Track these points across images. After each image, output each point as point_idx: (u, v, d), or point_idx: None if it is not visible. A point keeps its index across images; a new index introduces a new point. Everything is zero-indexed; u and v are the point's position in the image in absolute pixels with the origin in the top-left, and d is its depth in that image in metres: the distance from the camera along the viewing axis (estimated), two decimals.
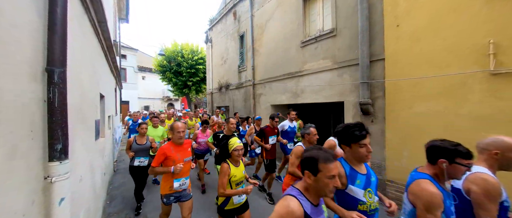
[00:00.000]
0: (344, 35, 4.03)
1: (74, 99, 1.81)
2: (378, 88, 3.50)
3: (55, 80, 1.16)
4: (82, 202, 1.98)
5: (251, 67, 6.80)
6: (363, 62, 3.53)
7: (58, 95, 1.18)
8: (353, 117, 3.88)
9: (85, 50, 2.26)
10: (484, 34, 2.44)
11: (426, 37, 2.91)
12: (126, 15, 9.37)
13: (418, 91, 3.00)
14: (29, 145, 1.02)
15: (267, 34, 6.19)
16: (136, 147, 3.17)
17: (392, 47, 3.27)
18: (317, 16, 4.72)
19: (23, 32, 1.01)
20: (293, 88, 5.23)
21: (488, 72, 2.41)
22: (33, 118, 1.06)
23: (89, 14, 2.34)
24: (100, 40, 3.05)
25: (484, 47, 2.43)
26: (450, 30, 2.70)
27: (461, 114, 2.63)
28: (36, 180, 1.08)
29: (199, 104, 18.92)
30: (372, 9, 3.52)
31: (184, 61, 12.60)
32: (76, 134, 1.81)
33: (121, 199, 3.71)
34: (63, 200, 1.20)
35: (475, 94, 2.52)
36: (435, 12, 2.83)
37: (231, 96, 8.38)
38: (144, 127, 3.28)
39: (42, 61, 1.15)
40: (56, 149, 1.16)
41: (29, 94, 1.04)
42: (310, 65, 4.74)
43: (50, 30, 1.18)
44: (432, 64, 2.86)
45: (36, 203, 1.07)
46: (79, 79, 2.00)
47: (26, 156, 1.00)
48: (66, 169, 1.21)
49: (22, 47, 1.00)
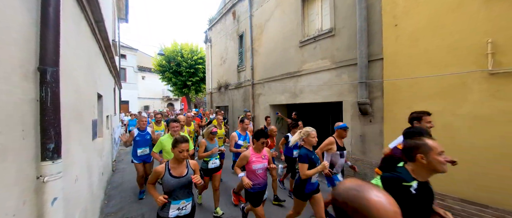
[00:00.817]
0: (342, 35, 4.02)
1: (69, 98, 1.80)
2: (376, 88, 3.48)
3: (47, 79, 1.16)
4: (78, 202, 1.97)
5: (250, 67, 6.80)
6: (362, 62, 3.52)
7: (51, 95, 1.17)
8: (352, 117, 3.87)
9: (81, 49, 2.25)
10: (482, 34, 2.42)
11: (424, 37, 2.90)
12: (126, 15, 9.37)
13: (417, 91, 2.99)
14: (20, 144, 1.02)
15: (266, 34, 6.18)
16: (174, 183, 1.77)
17: (391, 47, 3.26)
18: (316, 16, 4.71)
19: (14, 31, 1.00)
20: (292, 88, 5.22)
21: (487, 72, 2.40)
22: (25, 118, 1.06)
23: (85, 13, 2.33)
24: (97, 39, 3.05)
25: (483, 47, 2.41)
26: (449, 30, 2.69)
27: (459, 114, 2.62)
28: (28, 180, 1.07)
29: (199, 104, 18.92)
30: (371, 9, 3.51)
31: (184, 61, 12.60)
32: (71, 133, 1.80)
33: (119, 199, 3.70)
34: (56, 200, 1.19)
35: (474, 94, 2.51)
36: (433, 12, 2.81)
37: (230, 96, 8.37)
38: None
39: (34, 60, 1.14)
40: (49, 149, 1.16)
41: (20, 93, 1.03)
42: (309, 65, 4.73)
43: (42, 30, 1.17)
44: (430, 64, 2.85)
45: (28, 203, 1.06)
46: (74, 78, 1.99)
47: (17, 155, 0.99)
48: (59, 168, 1.20)
49: (12, 46, 1.00)
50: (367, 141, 3.64)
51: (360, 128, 3.74)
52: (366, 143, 3.66)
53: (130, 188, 4.15)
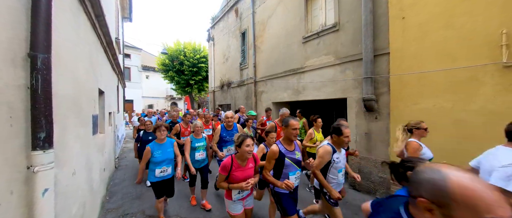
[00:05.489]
0: (347, 30, 3.91)
1: (67, 90, 1.77)
2: (382, 84, 3.36)
3: (38, 66, 1.12)
4: (76, 196, 1.95)
5: (253, 65, 6.73)
6: (367, 57, 3.41)
7: (41, 82, 1.13)
8: (357, 114, 3.75)
9: (80, 42, 2.23)
10: (496, 24, 2.29)
11: (433, 29, 2.77)
12: (129, 14, 9.45)
13: (425, 86, 2.86)
14: (7, 132, 0.98)
15: (268, 30, 6.11)
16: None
17: (398, 40, 3.14)
18: (319, 11, 4.60)
19: (1, 15, 0.97)
20: (294, 85, 5.13)
21: (501, 65, 2.27)
22: (13, 104, 1.02)
23: (85, 7, 2.31)
24: (98, 35, 3.03)
25: (497, 38, 2.28)
26: (460, 20, 2.55)
27: (471, 110, 2.48)
28: (17, 169, 1.04)
29: (202, 104, 18.96)
30: (376, 2, 3.39)
31: (186, 60, 12.62)
32: (68, 126, 1.77)
33: (121, 195, 3.70)
34: (47, 191, 1.15)
35: (486, 88, 2.38)
36: (443, 2, 2.68)
37: (233, 94, 8.33)
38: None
39: (24, 46, 1.10)
40: (39, 138, 1.12)
41: (6, 78, 0.99)
42: (312, 62, 4.63)
43: (33, 15, 1.13)
44: (440, 57, 2.72)
45: (16, 193, 1.02)
46: (73, 71, 1.96)
47: (4, 143, 0.96)
48: (50, 158, 1.16)
49: (0, 30, 0.96)
50: (373, 139, 3.52)
51: (365, 125, 3.63)
52: (371, 141, 3.55)
53: (132, 185, 4.15)
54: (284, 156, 1.87)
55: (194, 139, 3.06)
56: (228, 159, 1.84)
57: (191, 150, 3.00)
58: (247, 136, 1.81)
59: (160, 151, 2.60)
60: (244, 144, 1.77)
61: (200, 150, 3.06)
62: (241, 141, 1.79)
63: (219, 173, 1.84)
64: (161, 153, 2.59)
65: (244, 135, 1.82)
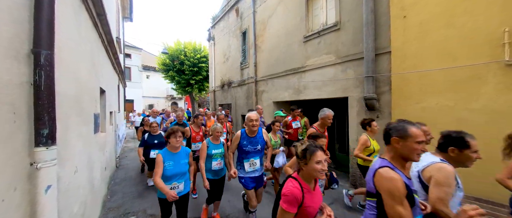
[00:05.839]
0: (348, 29, 3.91)
1: (69, 88, 1.77)
2: (383, 83, 3.36)
3: (41, 62, 1.12)
4: (78, 195, 1.95)
5: (253, 64, 6.73)
6: (368, 56, 3.40)
7: (44, 79, 1.13)
8: (358, 113, 3.75)
9: (82, 40, 2.23)
10: (498, 22, 2.29)
11: (435, 27, 2.77)
12: (130, 14, 9.45)
13: (427, 85, 2.85)
14: (10, 128, 0.97)
15: (269, 30, 6.10)
16: None
17: (399, 39, 3.13)
18: (320, 10, 4.60)
19: (4, 12, 0.96)
20: (295, 85, 5.12)
21: (503, 63, 2.26)
22: (16, 100, 1.01)
23: (86, 5, 2.31)
24: (99, 33, 3.04)
25: (499, 36, 2.28)
26: (461, 19, 2.55)
27: (474, 109, 2.48)
28: (20, 165, 1.03)
29: (202, 103, 18.96)
30: (377, 1, 3.39)
31: (187, 60, 12.62)
32: (70, 124, 1.77)
33: (121, 194, 3.70)
34: (50, 188, 1.15)
35: (489, 87, 2.37)
36: (444, 2, 2.68)
37: (233, 94, 8.33)
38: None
39: (27, 43, 1.10)
40: (42, 134, 1.12)
41: (9, 75, 0.99)
42: (313, 61, 4.63)
43: (36, 12, 1.13)
44: (441, 56, 2.72)
45: (19, 190, 1.02)
46: (75, 70, 1.97)
47: (7, 140, 0.95)
48: (53, 155, 1.16)
49: (3, 26, 0.96)
50: None
51: None
52: None
53: (133, 184, 4.15)
54: None
55: (212, 144, 2.52)
56: (295, 185, 1.23)
57: (207, 158, 2.48)
58: (317, 147, 1.25)
59: (171, 163, 2.03)
60: (314, 158, 1.21)
61: (217, 158, 2.52)
62: (311, 155, 1.22)
63: (283, 210, 1.20)
64: (173, 165, 2.03)
65: (313, 146, 1.26)
